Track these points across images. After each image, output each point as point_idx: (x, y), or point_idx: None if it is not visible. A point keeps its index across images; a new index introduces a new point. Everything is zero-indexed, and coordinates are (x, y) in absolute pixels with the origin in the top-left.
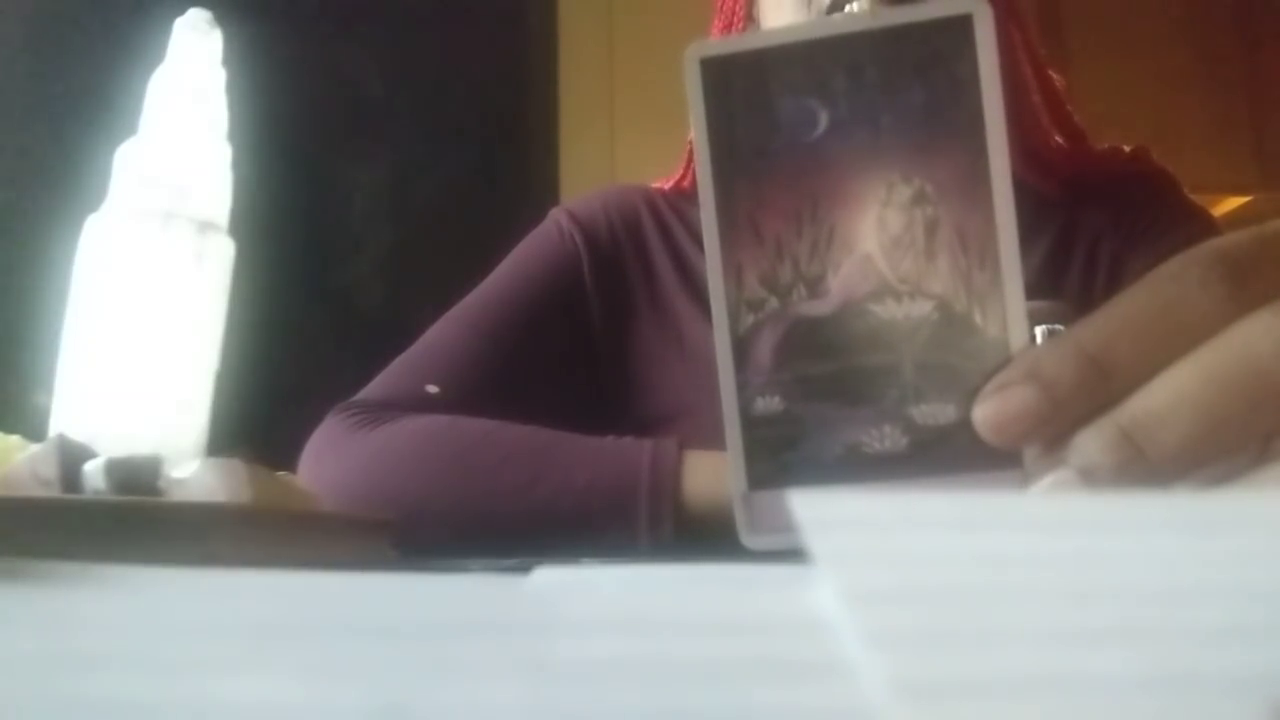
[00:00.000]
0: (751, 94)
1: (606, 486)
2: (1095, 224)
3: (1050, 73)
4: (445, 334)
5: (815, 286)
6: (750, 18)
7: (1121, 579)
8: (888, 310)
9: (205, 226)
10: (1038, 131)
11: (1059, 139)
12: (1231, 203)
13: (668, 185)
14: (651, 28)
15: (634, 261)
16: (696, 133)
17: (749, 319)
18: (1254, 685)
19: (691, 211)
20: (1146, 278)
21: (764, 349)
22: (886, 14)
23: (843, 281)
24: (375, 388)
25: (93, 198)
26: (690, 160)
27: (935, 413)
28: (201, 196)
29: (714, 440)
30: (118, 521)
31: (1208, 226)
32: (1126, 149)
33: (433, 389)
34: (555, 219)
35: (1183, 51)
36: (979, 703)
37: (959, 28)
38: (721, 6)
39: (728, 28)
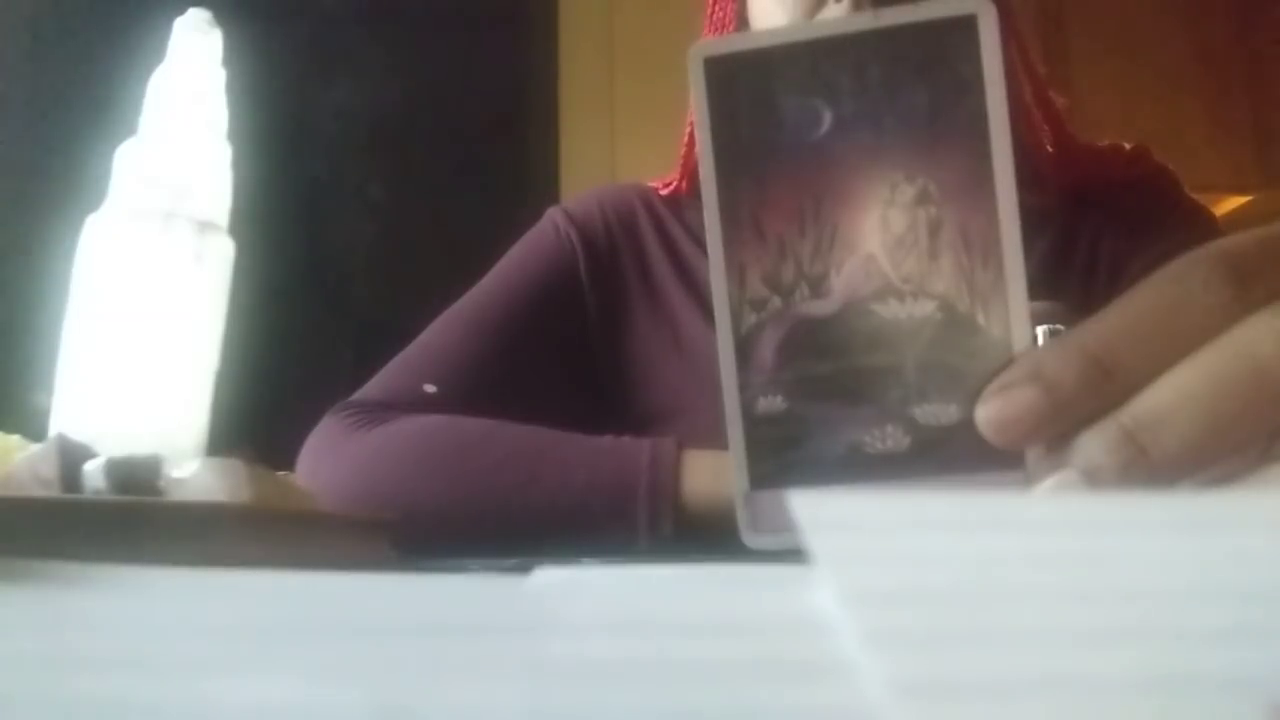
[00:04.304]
0: (755, 93)
1: (605, 486)
2: (1095, 225)
3: (1051, 93)
4: (443, 333)
5: (818, 286)
6: (742, 23)
7: (1121, 579)
8: (890, 310)
9: (205, 226)
10: (1039, 150)
11: (1059, 155)
12: (1232, 202)
13: (664, 190)
14: (651, 28)
15: (630, 260)
16: (700, 131)
17: (751, 318)
18: (1254, 685)
19: (687, 210)
20: (1149, 279)
21: (766, 348)
22: (890, 14)
23: (845, 281)
24: (373, 387)
25: (93, 198)
26: (685, 165)
27: (938, 413)
28: (201, 196)
29: (711, 438)
30: (118, 521)
31: (1208, 226)
32: (1126, 148)
33: (430, 388)
34: (551, 218)
35: (1183, 51)
36: (979, 703)
37: (963, 28)
38: (711, 15)
39: (717, 35)
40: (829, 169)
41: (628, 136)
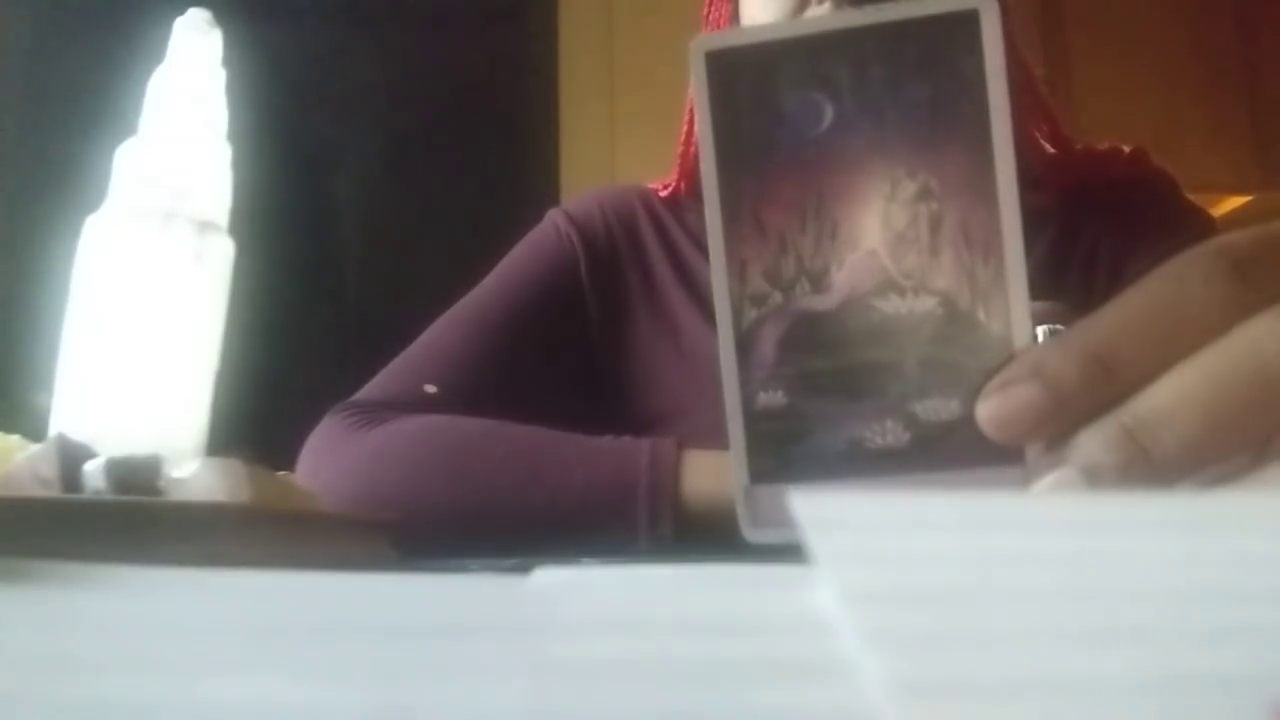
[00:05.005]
0: (757, 87)
1: (605, 486)
2: (1094, 226)
3: (1044, 96)
4: (443, 334)
5: (819, 281)
6: (735, 24)
7: (1121, 579)
8: (891, 306)
9: (205, 226)
10: (1037, 150)
11: (1056, 155)
12: (1231, 203)
13: (664, 191)
14: (651, 27)
15: (630, 261)
16: (701, 126)
17: (752, 313)
18: (1253, 685)
19: (687, 211)
20: (1151, 275)
21: (767, 343)
22: (893, 9)
23: (846, 276)
24: (374, 388)
25: (93, 198)
26: (682, 166)
27: (938, 408)
28: (201, 196)
29: (711, 437)
30: (118, 521)
31: (1207, 229)
32: (1125, 150)
33: (431, 389)
34: (552, 219)
35: (1183, 51)
36: (979, 703)
37: (965, 23)
38: (708, 16)
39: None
40: (830, 164)
41: (628, 136)
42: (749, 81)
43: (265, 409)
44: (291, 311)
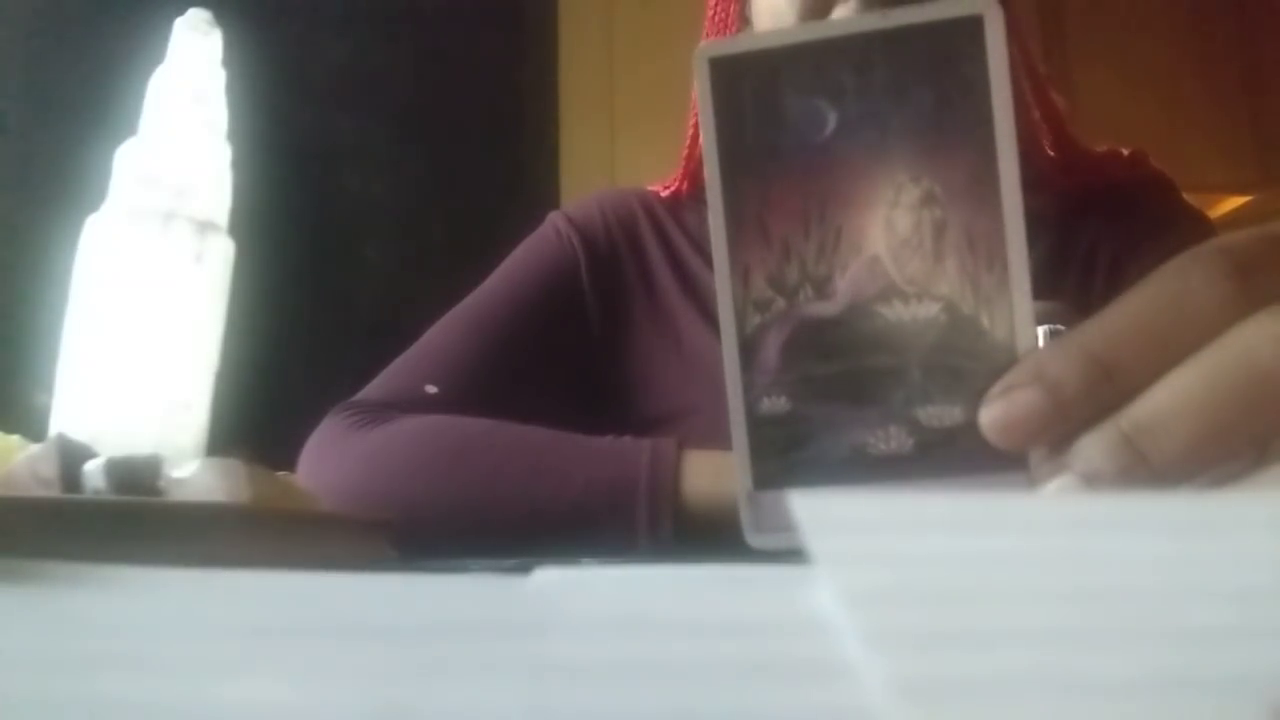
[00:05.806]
0: (761, 94)
1: (605, 486)
2: (1093, 228)
3: (1051, 93)
4: (445, 335)
5: (822, 287)
6: (744, 23)
7: (1120, 579)
8: (895, 312)
9: (205, 226)
10: (1036, 150)
11: (1058, 156)
12: (1231, 203)
13: (664, 192)
14: (651, 28)
15: (631, 264)
16: (705, 132)
17: (756, 319)
18: (1252, 685)
19: (687, 214)
20: (1151, 276)
21: (771, 349)
22: (896, 14)
23: (850, 282)
24: (374, 388)
25: (93, 198)
26: (685, 167)
27: (941, 414)
28: (201, 196)
29: (712, 439)
30: (118, 521)
31: (1206, 233)
32: (1125, 152)
33: (432, 389)
34: (553, 222)
35: (1183, 51)
36: (979, 703)
37: (969, 29)
38: (713, 15)
39: (719, 35)
40: (834, 170)
41: (628, 136)
42: (753, 88)
43: (265, 409)
44: (291, 311)
